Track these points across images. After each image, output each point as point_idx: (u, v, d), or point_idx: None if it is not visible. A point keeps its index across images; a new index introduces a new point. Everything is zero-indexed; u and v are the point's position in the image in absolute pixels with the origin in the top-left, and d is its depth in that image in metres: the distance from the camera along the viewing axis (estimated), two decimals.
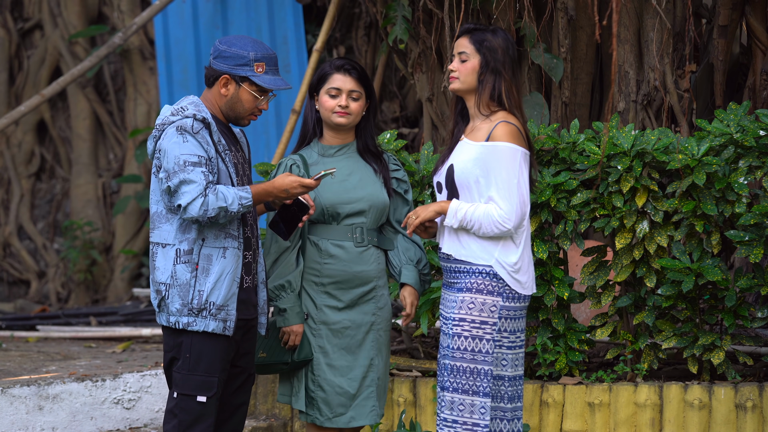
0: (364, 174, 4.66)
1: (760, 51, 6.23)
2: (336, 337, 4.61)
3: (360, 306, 4.62)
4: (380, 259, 4.68)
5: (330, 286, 4.62)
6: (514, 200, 4.23)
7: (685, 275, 5.13)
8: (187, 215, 4.20)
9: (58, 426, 5.76)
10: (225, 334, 4.29)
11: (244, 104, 4.35)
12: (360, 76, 4.61)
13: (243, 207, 4.23)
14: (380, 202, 4.63)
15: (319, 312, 4.62)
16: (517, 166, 4.25)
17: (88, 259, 9.72)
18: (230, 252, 4.30)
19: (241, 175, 4.42)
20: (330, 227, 4.64)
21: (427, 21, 6.76)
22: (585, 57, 6.54)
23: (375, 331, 4.64)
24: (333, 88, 4.60)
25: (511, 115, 4.31)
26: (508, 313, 4.30)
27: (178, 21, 8.81)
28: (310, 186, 4.31)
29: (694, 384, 5.24)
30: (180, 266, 4.26)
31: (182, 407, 4.28)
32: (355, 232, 4.62)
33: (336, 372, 4.60)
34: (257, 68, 4.31)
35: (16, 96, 10.14)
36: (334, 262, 4.61)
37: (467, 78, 4.36)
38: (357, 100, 4.61)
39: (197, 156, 4.21)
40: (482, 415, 4.27)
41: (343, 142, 4.68)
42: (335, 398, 4.60)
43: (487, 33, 4.36)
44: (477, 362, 4.27)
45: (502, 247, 4.28)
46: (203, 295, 4.25)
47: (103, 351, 7.35)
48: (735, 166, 5.17)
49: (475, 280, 4.28)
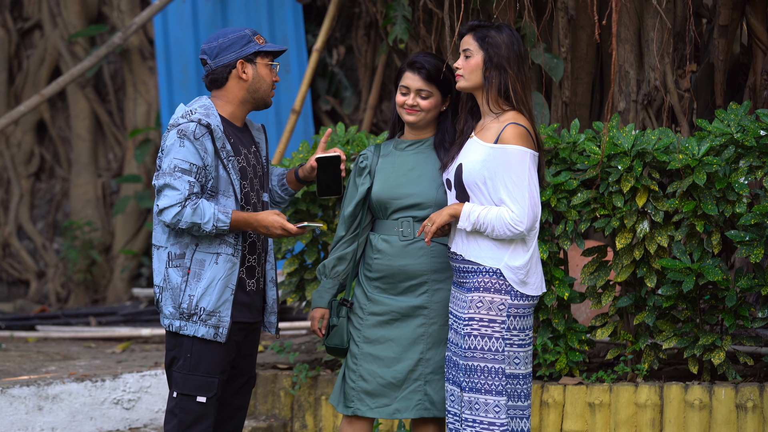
0: (427, 170, 4.60)
1: (760, 51, 6.23)
2: (383, 329, 4.58)
3: (410, 299, 4.57)
4: (433, 253, 4.58)
5: (379, 281, 4.60)
6: (525, 203, 4.23)
7: (685, 275, 5.12)
8: (162, 218, 4.24)
9: (57, 426, 5.76)
10: (216, 340, 4.29)
11: (265, 79, 4.39)
12: (429, 75, 4.54)
13: (217, 229, 4.24)
14: (432, 198, 4.56)
15: (369, 303, 4.61)
16: (527, 169, 4.25)
17: (87, 259, 9.71)
18: (223, 258, 4.29)
19: (251, 177, 4.41)
20: (380, 222, 4.64)
21: (427, 21, 6.76)
22: (585, 57, 6.54)
23: (429, 325, 4.58)
24: (403, 86, 4.58)
25: (520, 115, 4.31)
26: (516, 311, 4.31)
27: (177, 21, 8.81)
28: (290, 231, 4.31)
29: (695, 384, 5.24)
30: (172, 269, 4.27)
31: (182, 407, 4.28)
32: (401, 225, 4.59)
33: (381, 363, 4.57)
34: (258, 40, 4.38)
35: (16, 96, 10.13)
36: (381, 257, 4.59)
37: (472, 75, 4.35)
38: (426, 98, 4.56)
39: (189, 163, 4.22)
40: (497, 413, 4.28)
41: (418, 137, 4.65)
42: (378, 389, 4.57)
43: (491, 29, 4.36)
44: (488, 360, 4.28)
45: (513, 251, 4.29)
46: (194, 300, 4.25)
47: (102, 351, 7.34)
48: (735, 166, 5.16)
49: (482, 279, 4.29)
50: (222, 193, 4.31)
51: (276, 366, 6.17)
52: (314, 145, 5.83)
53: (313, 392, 5.89)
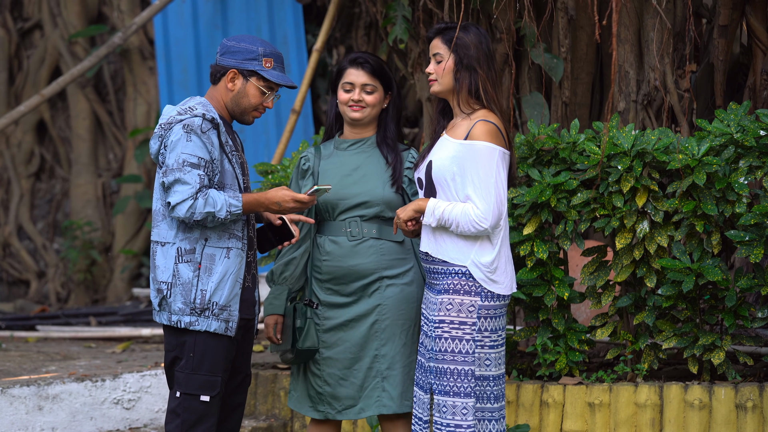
0: (371, 168, 4.63)
1: (760, 51, 6.23)
2: (341, 331, 4.61)
3: (363, 299, 4.60)
4: (383, 251, 4.61)
5: (330, 282, 4.62)
6: (491, 200, 4.22)
7: (685, 275, 5.12)
8: (175, 214, 4.23)
9: (57, 426, 5.76)
10: (227, 334, 4.30)
11: (250, 99, 4.36)
12: (374, 70, 4.59)
13: (231, 214, 4.24)
14: (379, 197, 4.59)
15: (322, 307, 4.63)
16: (494, 166, 4.24)
17: (87, 259, 9.72)
18: (234, 252, 4.30)
19: (246, 174, 4.44)
20: (327, 223, 4.65)
21: (427, 21, 6.76)
22: (585, 57, 6.54)
23: (380, 322, 4.60)
24: (347, 83, 4.60)
25: (491, 113, 4.31)
26: (487, 312, 4.30)
27: (177, 21, 8.81)
28: (303, 201, 4.31)
29: (695, 384, 5.24)
30: (182, 265, 4.26)
31: (185, 407, 4.28)
32: (349, 226, 4.60)
33: (340, 365, 4.60)
34: (266, 63, 4.35)
35: (16, 96, 10.14)
36: (330, 259, 4.61)
37: (444, 79, 4.36)
38: (371, 93, 4.59)
39: (197, 157, 4.22)
40: (464, 415, 4.27)
41: (360, 136, 4.67)
42: (342, 391, 4.60)
43: (458, 30, 4.35)
44: (458, 363, 4.27)
45: (479, 248, 4.28)
46: (206, 294, 4.26)
47: (102, 351, 7.35)
48: (735, 166, 5.16)
49: (452, 281, 4.29)
50: (229, 187, 4.32)
51: (276, 366, 6.17)
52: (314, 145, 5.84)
53: None
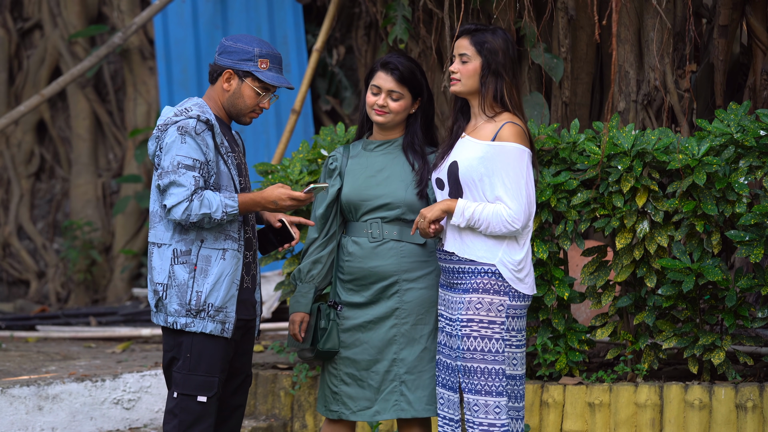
0: (396, 171, 4.60)
1: (760, 51, 6.23)
2: (360, 332, 4.60)
3: (382, 301, 4.58)
4: (403, 253, 4.58)
5: (351, 283, 4.62)
6: (522, 200, 4.26)
7: (685, 275, 5.12)
8: (171, 217, 4.23)
9: (57, 426, 5.76)
10: (223, 336, 4.29)
11: (245, 100, 4.36)
12: (402, 77, 4.52)
13: (227, 215, 4.24)
14: (401, 199, 4.56)
15: (343, 307, 4.62)
16: (525, 167, 4.29)
17: (87, 259, 9.71)
18: (230, 254, 4.30)
19: (245, 175, 4.43)
20: (351, 224, 4.64)
21: (427, 21, 6.76)
22: (585, 57, 6.54)
23: (400, 326, 4.58)
24: (374, 86, 4.56)
25: (515, 116, 4.34)
26: (515, 312, 4.32)
27: (177, 21, 8.81)
28: (299, 199, 4.30)
29: (695, 384, 5.24)
30: (178, 267, 4.26)
31: (183, 407, 4.28)
32: (371, 227, 4.59)
33: (359, 366, 4.59)
34: (261, 64, 4.33)
35: (16, 96, 10.13)
36: (351, 259, 4.60)
37: (468, 80, 4.36)
38: (397, 100, 4.54)
39: (192, 159, 4.22)
40: (497, 414, 4.28)
41: (387, 137, 4.65)
42: (359, 392, 4.59)
43: (488, 34, 4.36)
44: (488, 362, 4.29)
45: (507, 246, 4.31)
46: (201, 296, 4.25)
47: (102, 351, 7.34)
48: (735, 166, 5.16)
49: (480, 280, 4.30)
50: (225, 188, 4.32)
51: (276, 366, 6.17)
52: (314, 145, 5.84)
53: (313, 392, 5.90)
